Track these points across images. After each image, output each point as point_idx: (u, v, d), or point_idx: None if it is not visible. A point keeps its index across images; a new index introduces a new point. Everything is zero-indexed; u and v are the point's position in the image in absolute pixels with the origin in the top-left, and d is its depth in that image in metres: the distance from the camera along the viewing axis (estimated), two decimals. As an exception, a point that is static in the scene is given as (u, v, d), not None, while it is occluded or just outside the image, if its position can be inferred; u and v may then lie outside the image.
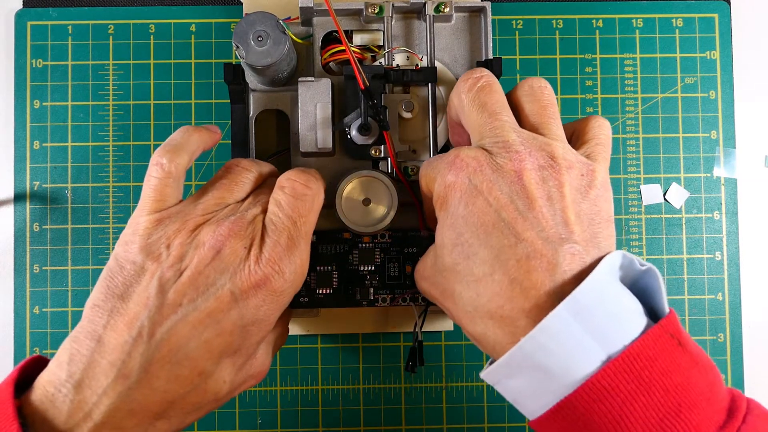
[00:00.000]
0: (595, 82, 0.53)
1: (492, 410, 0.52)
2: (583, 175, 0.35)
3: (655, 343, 0.32)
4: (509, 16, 0.53)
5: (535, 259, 0.33)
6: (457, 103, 0.39)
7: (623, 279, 0.34)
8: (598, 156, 0.37)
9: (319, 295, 0.46)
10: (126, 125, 0.52)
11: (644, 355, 0.31)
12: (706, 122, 0.53)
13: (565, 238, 0.33)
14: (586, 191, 0.35)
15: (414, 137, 0.47)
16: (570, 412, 0.32)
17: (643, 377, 0.31)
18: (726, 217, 0.53)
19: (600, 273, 0.32)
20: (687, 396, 0.31)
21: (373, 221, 0.44)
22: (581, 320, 0.31)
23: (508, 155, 0.35)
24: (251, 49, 0.43)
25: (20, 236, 0.51)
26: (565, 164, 0.35)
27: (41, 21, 0.52)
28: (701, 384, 0.32)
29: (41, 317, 0.51)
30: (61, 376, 0.34)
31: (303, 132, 0.45)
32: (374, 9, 0.46)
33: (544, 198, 0.34)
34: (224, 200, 0.38)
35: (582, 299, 0.31)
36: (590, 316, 0.31)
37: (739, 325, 0.52)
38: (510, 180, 0.34)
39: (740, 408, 0.32)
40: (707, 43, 0.53)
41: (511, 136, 0.36)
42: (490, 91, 0.37)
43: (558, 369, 0.32)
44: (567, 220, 0.34)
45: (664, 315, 0.33)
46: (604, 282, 0.32)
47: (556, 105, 0.37)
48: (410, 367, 0.46)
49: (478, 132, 0.37)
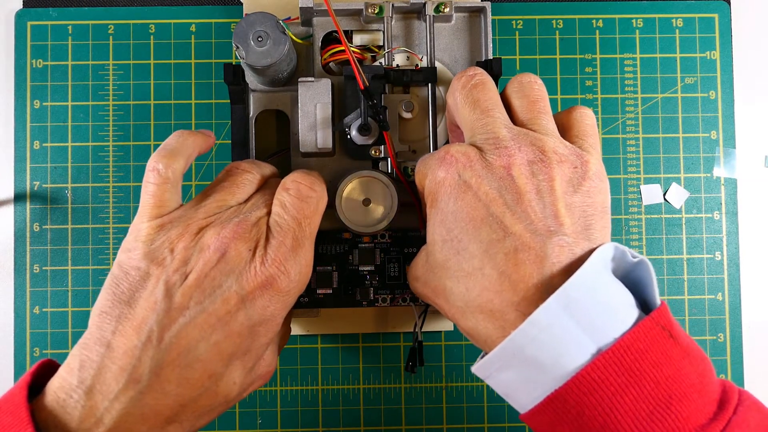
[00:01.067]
0: (595, 82, 0.53)
1: (492, 410, 0.52)
2: (576, 168, 0.35)
3: (646, 336, 0.32)
4: (509, 16, 0.53)
5: (523, 252, 0.33)
6: (451, 102, 0.39)
7: (615, 271, 0.34)
8: (588, 147, 0.37)
9: (319, 295, 0.46)
10: (126, 125, 0.52)
11: (635, 348, 0.31)
12: (706, 122, 0.53)
13: (554, 231, 0.33)
14: (579, 183, 0.35)
15: (414, 137, 0.47)
16: (560, 404, 0.32)
17: (634, 369, 0.31)
18: (726, 217, 0.53)
19: (591, 265, 0.32)
20: (677, 388, 0.31)
21: (373, 221, 0.44)
22: (571, 313, 0.31)
23: (498, 151, 0.35)
24: (251, 49, 0.43)
25: (20, 236, 0.51)
26: (555, 158, 0.35)
27: (41, 21, 0.52)
28: (692, 376, 0.32)
29: (41, 317, 0.51)
30: (72, 382, 0.34)
31: (303, 132, 0.45)
32: (374, 9, 0.46)
33: (533, 192, 0.34)
34: (226, 203, 0.38)
35: (572, 292, 0.31)
36: (580, 308, 0.31)
37: (739, 325, 0.52)
38: (499, 175, 0.35)
39: (731, 399, 0.32)
40: (707, 43, 0.53)
41: (502, 132, 0.36)
42: (483, 88, 0.37)
43: (548, 362, 0.32)
44: (557, 212, 0.34)
45: (655, 307, 0.33)
46: (595, 274, 0.32)
47: (546, 99, 0.38)
48: (410, 367, 0.46)
49: (470, 129, 0.37)
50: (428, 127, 0.46)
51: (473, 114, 0.37)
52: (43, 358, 0.50)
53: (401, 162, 0.46)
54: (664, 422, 0.31)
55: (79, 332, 0.51)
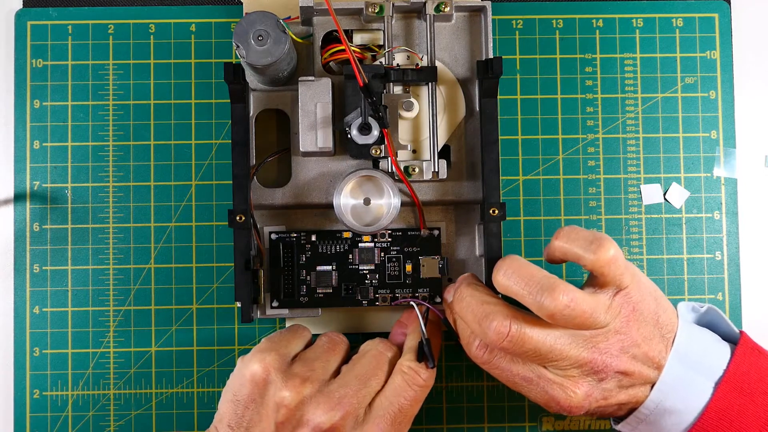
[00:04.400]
0: (595, 82, 0.53)
1: (492, 410, 0.52)
2: (624, 335, 0.41)
3: (744, 359, 0.41)
4: (509, 15, 0.53)
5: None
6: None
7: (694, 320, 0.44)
8: (621, 284, 0.41)
9: (319, 294, 0.46)
10: (126, 125, 0.52)
11: (740, 371, 0.41)
12: (706, 122, 0.53)
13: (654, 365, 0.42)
14: (634, 320, 0.41)
15: (414, 137, 0.47)
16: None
17: (745, 389, 0.40)
18: (726, 217, 0.53)
19: (682, 328, 0.42)
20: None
21: (373, 221, 0.44)
22: (686, 363, 0.41)
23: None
24: (251, 48, 0.43)
25: (20, 236, 0.51)
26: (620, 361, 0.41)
27: (41, 21, 0.52)
28: None
29: (41, 317, 0.51)
30: None
31: (303, 131, 0.45)
32: (374, 8, 0.46)
33: (638, 365, 0.41)
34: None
35: (680, 348, 0.41)
36: (689, 356, 0.41)
37: (739, 325, 0.52)
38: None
39: None
40: (707, 43, 0.53)
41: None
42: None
43: (681, 407, 0.41)
44: (651, 358, 0.41)
45: (736, 336, 0.43)
46: (687, 330, 0.42)
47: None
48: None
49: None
50: (428, 126, 0.46)
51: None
52: (43, 357, 0.50)
53: (401, 161, 0.46)
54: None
55: (79, 332, 0.51)
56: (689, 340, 0.42)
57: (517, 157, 0.52)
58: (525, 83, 0.52)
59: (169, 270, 0.51)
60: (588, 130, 0.52)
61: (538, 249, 0.52)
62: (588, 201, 0.52)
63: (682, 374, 0.41)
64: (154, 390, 0.51)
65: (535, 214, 0.52)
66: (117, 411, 0.51)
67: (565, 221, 0.52)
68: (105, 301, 0.51)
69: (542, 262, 0.51)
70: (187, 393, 0.51)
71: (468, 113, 0.48)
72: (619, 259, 0.40)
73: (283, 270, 0.47)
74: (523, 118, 0.52)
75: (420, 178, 0.46)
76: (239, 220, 0.44)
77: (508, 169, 0.52)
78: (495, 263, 0.41)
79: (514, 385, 0.42)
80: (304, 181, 0.47)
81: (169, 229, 0.51)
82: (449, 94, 0.48)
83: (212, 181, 0.52)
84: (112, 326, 0.51)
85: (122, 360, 0.51)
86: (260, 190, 0.47)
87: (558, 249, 0.41)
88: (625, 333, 0.40)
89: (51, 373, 0.50)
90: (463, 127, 0.48)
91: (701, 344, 0.42)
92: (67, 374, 0.50)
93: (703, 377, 0.41)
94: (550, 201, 0.52)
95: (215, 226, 0.51)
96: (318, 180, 0.47)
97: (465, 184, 0.47)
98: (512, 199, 0.52)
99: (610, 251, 0.39)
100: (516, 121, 0.52)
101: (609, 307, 0.40)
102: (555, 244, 0.41)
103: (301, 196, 0.47)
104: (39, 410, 0.50)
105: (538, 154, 0.52)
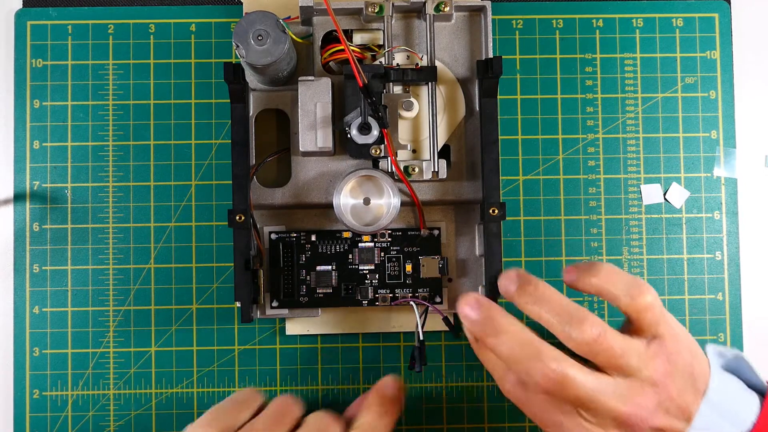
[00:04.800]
0: (595, 82, 0.53)
1: (492, 410, 0.52)
2: (663, 391, 0.40)
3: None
4: (509, 15, 0.53)
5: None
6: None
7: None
8: (658, 328, 0.40)
9: (319, 294, 0.46)
10: (126, 125, 0.52)
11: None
12: (706, 122, 0.53)
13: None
14: (672, 375, 0.40)
15: (414, 137, 0.47)
16: None
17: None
18: (726, 217, 0.52)
19: (713, 376, 0.41)
20: None
21: (373, 221, 0.44)
22: (717, 411, 0.40)
23: None
24: (251, 48, 0.43)
25: (20, 236, 0.51)
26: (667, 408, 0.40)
27: (41, 21, 0.52)
28: None
29: (41, 317, 0.51)
30: None
31: (303, 131, 0.45)
32: (374, 8, 0.46)
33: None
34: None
35: (713, 396, 0.40)
36: (720, 405, 0.40)
37: (739, 325, 0.52)
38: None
39: None
40: (707, 43, 0.53)
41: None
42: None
43: None
44: (683, 410, 0.40)
45: (762, 386, 0.42)
46: (718, 378, 0.41)
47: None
48: (412, 365, 0.46)
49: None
50: (428, 126, 0.46)
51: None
52: (43, 357, 0.50)
53: (401, 161, 0.46)
54: None
55: (79, 332, 0.51)
56: (721, 388, 0.41)
57: (517, 157, 0.52)
58: (525, 83, 0.53)
59: (168, 270, 0.51)
60: (588, 130, 0.52)
61: (538, 249, 0.52)
62: (588, 201, 0.52)
63: (712, 423, 0.40)
64: (153, 390, 0.51)
65: (535, 214, 0.52)
66: (117, 411, 0.51)
67: (565, 221, 0.52)
68: (105, 301, 0.51)
69: (542, 262, 0.51)
70: (187, 393, 0.51)
71: (468, 113, 0.48)
72: (657, 307, 0.40)
73: (283, 270, 0.47)
74: (523, 118, 0.52)
75: (420, 178, 0.46)
76: (239, 220, 0.44)
77: (508, 169, 0.52)
78: (495, 266, 0.41)
79: (545, 427, 0.41)
80: (304, 181, 0.47)
81: (168, 229, 0.51)
82: (449, 94, 0.48)
83: (212, 181, 0.52)
84: (111, 326, 0.51)
85: (122, 360, 0.51)
86: (260, 190, 0.47)
87: (594, 286, 0.40)
88: (662, 386, 0.40)
89: (51, 373, 0.50)
90: (463, 127, 0.48)
91: (732, 393, 0.41)
92: (66, 374, 0.50)
93: (733, 427, 0.40)
94: (550, 201, 0.52)
95: (215, 226, 0.51)
96: (318, 180, 0.47)
97: (465, 183, 0.47)
98: (512, 199, 0.52)
99: (647, 297, 0.39)
100: (516, 121, 0.52)
101: (642, 354, 0.39)
102: (592, 281, 0.40)
103: (300, 195, 0.47)
104: (39, 410, 0.50)
105: (538, 154, 0.52)
